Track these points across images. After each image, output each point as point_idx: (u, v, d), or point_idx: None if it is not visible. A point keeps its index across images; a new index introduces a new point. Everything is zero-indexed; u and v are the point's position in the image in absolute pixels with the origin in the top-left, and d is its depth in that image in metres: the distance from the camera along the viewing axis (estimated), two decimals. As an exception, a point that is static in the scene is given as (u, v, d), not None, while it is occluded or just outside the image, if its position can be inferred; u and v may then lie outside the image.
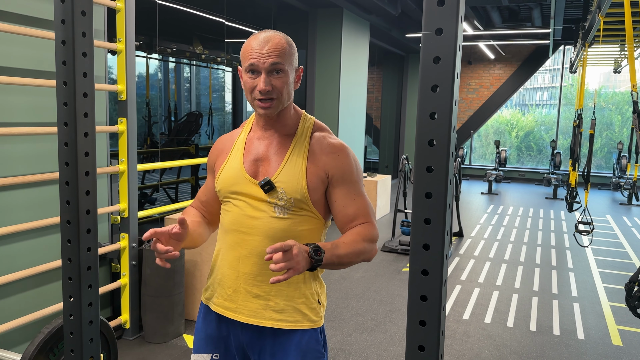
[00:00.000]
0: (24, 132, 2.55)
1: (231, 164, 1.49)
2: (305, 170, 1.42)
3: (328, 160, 1.44)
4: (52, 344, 2.16)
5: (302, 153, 1.44)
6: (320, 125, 1.52)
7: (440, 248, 0.80)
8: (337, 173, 1.44)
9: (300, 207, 1.42)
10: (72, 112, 1.12)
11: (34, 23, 2.71)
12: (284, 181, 1.41)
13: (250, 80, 1.37)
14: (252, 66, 1.36)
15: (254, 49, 1.36)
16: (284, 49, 1.37)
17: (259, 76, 1.36)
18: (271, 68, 1.36)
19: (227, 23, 6.38)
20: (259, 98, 1.37)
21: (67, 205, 1.15)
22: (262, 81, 1.35)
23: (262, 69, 1.35)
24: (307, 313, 1.47)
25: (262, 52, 1.35)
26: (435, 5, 0.74)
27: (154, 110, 7.08)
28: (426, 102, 0.77)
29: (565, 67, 11.86)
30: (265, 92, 1.36)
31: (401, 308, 4.07)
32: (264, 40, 1.36)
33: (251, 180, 1.44)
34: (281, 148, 1.45)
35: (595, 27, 4.67)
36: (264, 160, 1.45)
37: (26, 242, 2.75)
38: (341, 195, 1.45)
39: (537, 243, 6.32)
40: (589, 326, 3.86)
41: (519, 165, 12.94)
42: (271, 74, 1.36)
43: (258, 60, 1.35)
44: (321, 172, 1.43)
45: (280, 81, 1.37)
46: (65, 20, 1.09)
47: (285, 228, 1.43)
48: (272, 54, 1.35)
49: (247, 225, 1.44)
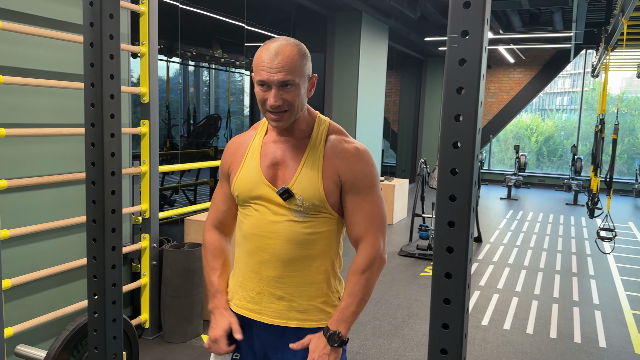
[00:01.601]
0: (49, 133, 2.60)
1: (248, 168, 1.48)
2: (321, 176, 1.42)
3: (341, 165, 1.43)
4: (76, 340, 2.19)
5: (317, 158, 1.43)
6: (336, 127, 1.50)
7: (464, 251, 0.80)
8: (349, 179, 1.43)
9: (318, 210, 1.43)
10: (99, 113, 1.14)
11: (61, 26, 2.76)
12: (301, 187, 1.41)
13: (261, 92, 1.36)
14: (263, 82, 1.34)
15: (264, 62, 1.33)
16: (294, 62, 1.34)
17: (269, 90, 1.34)
18: (281, 84, 1.33)
19: (247, 27, 6.43)
20: (270, 111, 1.37)
21: (93, 204, 1.17)
22: (272, 96, 1.34)
23: (272, 84, 1.33)
24: (329, 311, 1.49)
25: (272, 67, 1.32)
26: (461, 7, 0.74)
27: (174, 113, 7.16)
28: (451, 104, 0.77)
29: (586, 71, 11.70)
30: (276, 106, 1.35)
31: (419, 313, 4.04)
32: (275, 52, 1.33)
33: (269, 186, 1.44)
34: (297, 153, 1.45)
35: (619, 30, 4.60)
36: (281, 165, 1.45)
37: (51, 241, 2.80)
38: (351, 200, 1.45)
39: (558, 249, 6.23)
40: (611, 334, 3.79)
41: (538, 171, 12.78)
42: (282, 88, 1.34)
43: (269, 76, 1.33)
44: (335, 176, 1.43)
45: (291, 95, 1.35)
46: (93, 23, 1.12)
47: (305, 231, 1.44)
48: (282, 69, 1.32)
49: (268, 229, 1.44)
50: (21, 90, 2.59)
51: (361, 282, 1.44)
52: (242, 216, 1.52)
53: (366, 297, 1.45)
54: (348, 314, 1.43)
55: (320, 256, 1.47)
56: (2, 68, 2.48)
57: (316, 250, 1.45)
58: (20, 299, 2.66)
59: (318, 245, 1.45)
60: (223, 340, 1.47)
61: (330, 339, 1.41)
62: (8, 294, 2.55)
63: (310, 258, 1.45)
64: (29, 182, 2.54)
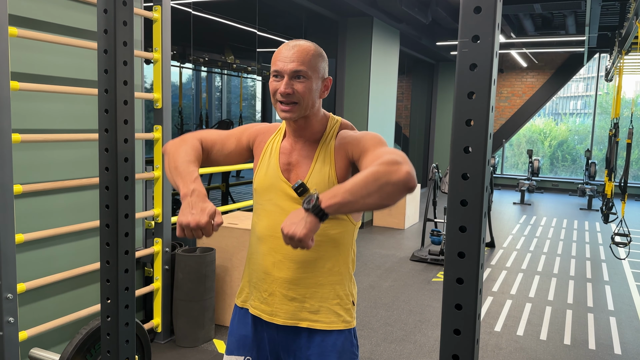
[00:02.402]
0: (64, 138, 2.64)
1: (268, 165, 1.50)
2: (334, 170, 1.44)
3: (347, 145, 1.44)
4: (89, 344, 2.21)
5: (328, 154, 1.46)
6: (346, 123, 1.54)
7: (476, 256, 0.79)
8: (356, 147, 1.40)
9: None
10: (113, 119, 1.16)
11: (75, 33, 2.80)
12: (315, 182, 1.43)
13: (274, 83, 1.41)
14: (277, 71, 1.40)
15: (281, 53, 1.40)
16: (309, 56, 1.40)
17: (282, 80, 1.39)
18: (293, 74, 1.38)
19: (258, 33, 6.47)
20: (280, 100, 1.40)
21: (106, 209, 1.18)
22: (283, 84, 1.38)
23: (284, 73, 1.38)
24: (342, 314, 1.49)
25: (287, 57, 1.39)
26: (472, 12, 0.74)
27: (187, 119, 7.21)
28: (462, 108, 0.77)
29: (600, 75, 11.59)
30: (285, 94, 1.38)
31: (431, 319, 4.02)
32: (292, 45, 1.41)
33: (286, 182, 1.46)
34: (310, 151, 1.48)
35: (633, 34, 4.56)
36: (295, 165, 1.48)
37: (65, 245, 2.83)
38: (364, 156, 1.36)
39: (572, 255, 6.16)
40: (626, 341, 3.74)
41: (552, 175, 12.67)
42: (294, 79, 1.39)
43: (283, 65, 1.38)
44: (345, 159, 1.44)
45: (302, 86, 1.39)
46: (107, 30, 1.13)
47: (318, 232, 1.43)
48: (297, 59, 1.38)
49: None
50: (36, 97, 2.63)
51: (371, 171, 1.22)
52: (255, 216, 1.54)
53: (365, 190, 1.19)
54: (338, 189, 1.22)
55: (333, 258, 1.47)
56: (18, 75, 2.52)
57: (329, 252, 1.46)
58: (34, 302, 2.68)
59: (330, 246, 1.46)
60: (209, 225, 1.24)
61: (306, 201, 1.23)
62: (22, 297, 2.58)
63: (324, 259, 1.46)
64: (43, 187, 2.57)
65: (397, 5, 6.18)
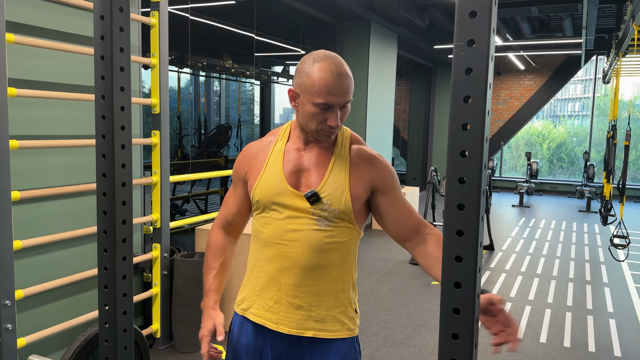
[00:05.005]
0: (61, 144, 2.64)
1: (270, 174, 1.47)
2: (348, 181, 1.44)
3: (370, 170, 1.46)
4: (87, 351, 2.20)
5: (344, 164, 1.45)
6: (357, 137, 1.55)
7: (473, 260, 0.79)
8: (382, 182, 1.47)
9: (341, 218, 1.44)
10: (110, 125, 1.16)
11: (72, 39, 2.80)
12: (328, 192, 1.42)
13: (320, 114, 1.38)
14: (327, 105, 1.37)
15: (331, 85, 1.36)
16: (352, 84, 1.41)
17: (329, 111, 1.38)
18: (343, 105, 1.40)
19: (256, 37, 6.48)
20: (327, 130, 1.41)
21: (104, 215, 1.18)
22: (335, 117, 1.38)
23: (337, 106, 1.38)
24: (346, 322, 1.49)
25: (338, 90, 1.37)
26: (467, 16, 0.74)
27: (185, 123, 7.22)
28: (458, 113, 0.77)
29: (597, 77, 11.62)
30: (336, 127, 1.40)
31: (431, 322, 4.01)
32: (339, 76, 1.37)
33: (294, 192, 1.44)
34: (322, 160, 1.46)
35: (629, 36, 4.58)
36: (306, 172, 1.46)
37: (63, 251, 2.82)
38: (392, 201, 1.48)
39: (571, 257, 6.16)
40: (626, 343, 3.74)
41: (550, 178, 12.68)
42: (341, 109, 1.40)
43: (336, 100, 1.37)
44: (365, 182, 1.45)
45: (345, 114, 1.42)
46: (104, 36, 1.13)
47: (327, 240, 1.44)
48: (347, 91, 1.38)
49: (289, 237, 1.44)
50: (34, 103, 2.63)
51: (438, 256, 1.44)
52: (260, 224, 1.50)
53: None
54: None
55: (340, 266, 1.47)
56: (16, 81, 2.52)
57: (336, 260, 1.46)
58: (32, 309, 2.68)
59: (338, 254, 1.46)
60: (206, 340, 1.49)
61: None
62: (20, 304, 2.58)
63: (330, 267, 1.45)
64: (41, 194, 2.57)
65: (394, 9, 6.19)
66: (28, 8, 2.57)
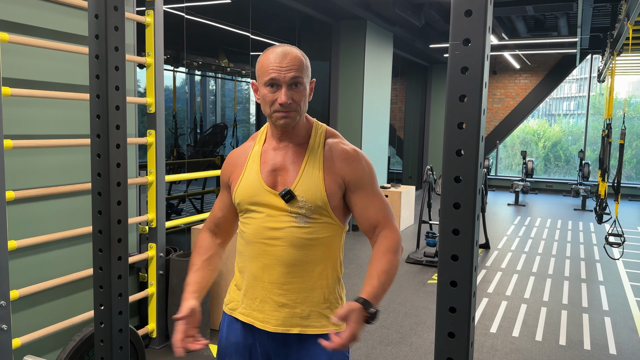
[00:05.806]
0: (56, 144, 2.62)
1: (248, 176, 1.50)
2: (322, 177, 1.45)
3: (343, 166, 1.47)
4: (83, 351, 2.20)
5: (317, 160, 1.47)
6: (332, 132, 1.55)
7: (469, 259, 0.79)
8: (353, 178, 1.47)
9: (320, 213, 1.45)
10: (105, 125, 1.15)
11: (67, 38, 2.79)
12: (303, 189, 1.44)
13: (270, 94, 1.40)
14: (273, 80, 1.39)
15: (272, 62, 1.39)
16: (301, 63, 1.41)
17: (278, 89, 1.40)
18: (291, 82, 1.39)
19: (252, 36, 6.47)
20: (279, 110, 1.40)
21: (99, 215, 1.18)
22: (283, 94, 1.39)
23: (282, 82, 1.39)
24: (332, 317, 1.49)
25: (282, 66, 1.38)
26: (462, 15, 0.75)
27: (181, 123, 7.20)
28: (454, 112, 0.77)
29: (593, 76, 11.66)
30: (286, 105, 1.39)
31: (427, 321, 4.02)
32: (282, 54, 1.40)
33: (270, 191, 1.46)
34: (297, 157, 1.48)
35: (624, 35, 4.59)
36: (282, 170, 1.48)
37: (58, 251, 2.81)
38: (360, 198, 1.48)
39: (566, 255, 6.19)
40: (621, 341, 3.75)
41: (546, 176, 12.72)
42: (291, 88, 1.40)
43: (279, 75, 1.38)
44: (337, 177, 1.46)
45: (299, 94, 1.41)
46: (99, 35, 1.13)
47: (306, 236, 1.45)
48: (292, 67, 1.39)
49: (270, 236, 1.46)
50: (28, 102, 2.62)
51: (393, 261, 1.44)
52: (243, 225, 1.53)
53: (393, 279, 1.44)
54: (380, 291, 1.39)
55: (322, 261, 1.48)
56: (10, 80, 2.50)
57: (318, 256, 1.47)
58: (27, 309, 2.66)
59: (320, 250, 1.47)
60: (179, 324, 1.50)
61: (366, 307, 1.34)
62: (15, 304, 2.56)
63: (313, 263, 1.46)
64: (36, 193, 2.56)
65: (390, 8, 6.20)
66: (22, 7, 2.55)
